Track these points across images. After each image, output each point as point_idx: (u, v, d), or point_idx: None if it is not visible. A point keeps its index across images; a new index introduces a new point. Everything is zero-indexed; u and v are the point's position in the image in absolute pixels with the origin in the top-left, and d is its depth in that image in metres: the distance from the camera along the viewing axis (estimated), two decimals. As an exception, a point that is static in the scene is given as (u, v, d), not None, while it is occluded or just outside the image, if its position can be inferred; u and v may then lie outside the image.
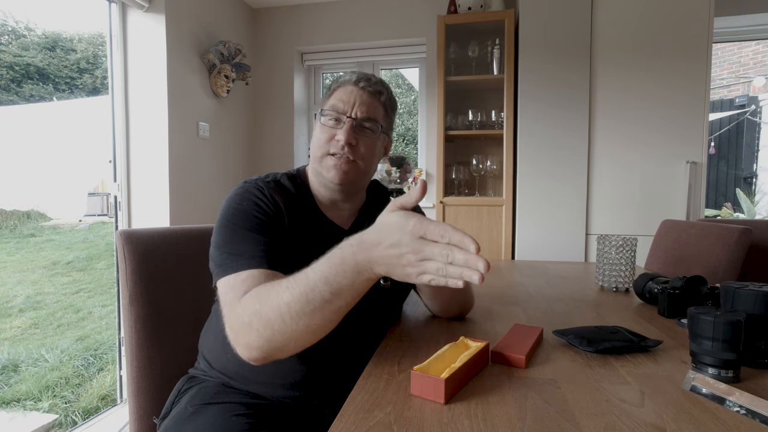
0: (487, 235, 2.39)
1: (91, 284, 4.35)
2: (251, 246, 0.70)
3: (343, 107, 0.80)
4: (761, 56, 6.04)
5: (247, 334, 0.62)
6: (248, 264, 0.68)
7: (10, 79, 6.28)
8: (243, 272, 0.67)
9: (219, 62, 2.47)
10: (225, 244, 0.71)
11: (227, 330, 0.66)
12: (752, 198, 5.28)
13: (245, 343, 0.63)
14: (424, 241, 0.53)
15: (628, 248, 1.14)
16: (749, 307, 0.63)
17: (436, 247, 0.52)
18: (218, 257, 0.71)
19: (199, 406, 0.73)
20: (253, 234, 0.71)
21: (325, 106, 0.83)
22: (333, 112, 0.80)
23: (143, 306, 0.90)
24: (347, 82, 0.82)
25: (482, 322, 0.88)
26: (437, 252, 0.52)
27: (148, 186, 2.19)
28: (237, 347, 0.64)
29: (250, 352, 0.63)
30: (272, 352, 0.63)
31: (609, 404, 0.53)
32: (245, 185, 0.78)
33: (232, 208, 0.74)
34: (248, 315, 0.61)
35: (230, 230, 0.72)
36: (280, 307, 0.59)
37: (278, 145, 3.03)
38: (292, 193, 0.81)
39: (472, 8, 2.44)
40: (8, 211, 5.54)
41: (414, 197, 0.57)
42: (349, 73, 0.84)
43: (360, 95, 0.81)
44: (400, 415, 0.50)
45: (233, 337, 0.64)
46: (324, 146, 0.79)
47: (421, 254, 0.53)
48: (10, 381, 2.52)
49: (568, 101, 2.24)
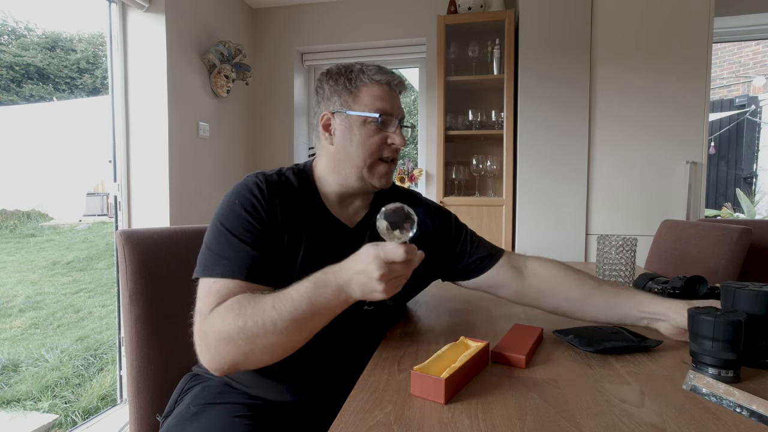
0: (487, 235, 2.36)
1: (91, 284, 4.35)
2: (234, 254, 0.69)
3: (392, 109, 0.78)
4: (761, 56, 6.03)
5: (224, 348, 0.63)
6: (225, 272, 0.67)
7: (10, 79, 6.29)
8: (219, 280, 0.67)
9: (219, 62, 2.46)
10: (210, 244, 0.71)
11: (195, 335, 0.66)
12: (752, 198, 5.28)
13: (217, 356, 0.63)
14: (386, 264, 0.58)
15: (628, 248, 1.14)
16: (749, 307, 0.63)
17: (395, 265, 0.59)
18: (201, 256, 0.71)
19: (202, 406, 0.73)
20: (237, 240, 0.69)
21: (359, 104, 0.78)
22: (381, 116, 0.76)
23: (143, 306, 0.90)
24: (384, 82, 0.79)
25: (482, 322, 0.88)
26: (397, 268, 0.59)
27: (148, 186, 2.19)
28: (204, 356, 0.65)
29: (220, 364, 0.64)
30: (243, 366, 0.65)
31: (609, 404, 0.53)
32: (246, 180, 0.76)
33: (227, 208, 0.73)
34: (229, 330, 0.62)
35: (218, 231, 0.71)
36: (265, 324, 0.61)
37: (278, 145, 3.03)
38: (297, 190, 0.79)
39: (472, 8, 2.44)
40: (9, 211, 5.54)
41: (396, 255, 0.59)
42: (373, 68, 0.79)
43: (397, 97, 0.80)
44: (400, 415, 0.50)
45: (203, 348, 0.65)
46: (377, 151, 0.77)
47: (385, 276, 0.58)
48: (10, 381, 2.52)
49: (568, 101, 2.24)
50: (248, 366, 0.66)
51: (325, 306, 0.62)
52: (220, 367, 0.64)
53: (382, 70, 0.80)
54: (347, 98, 0.78)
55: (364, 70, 0.79)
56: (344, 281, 0.62)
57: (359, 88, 0.78)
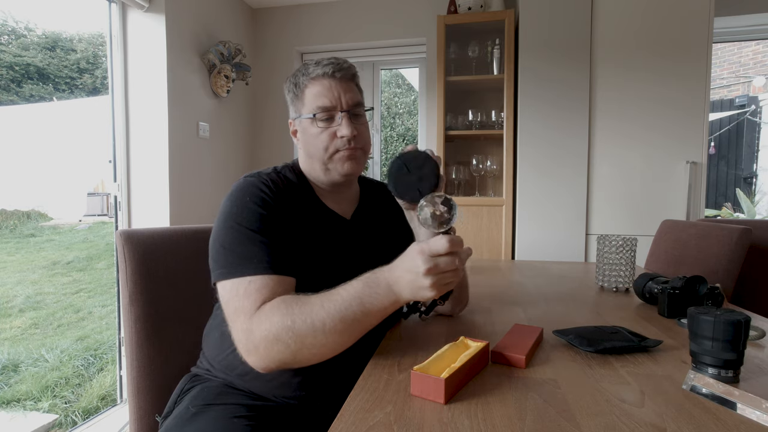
0: (487, 235, 2.39)
1: (91, 284, 4.35)
2: (258, 249, 0.69)
3: (331, 103, 0.78)
4: (761, 56, 6.03)
5: (272, 347, 0.63)
6: (258, 269, 0.67)
7: (10, 79, 6.28)
8: (256, 278, 0.67)
9: (219, 62, 2.46)
10: (231, 245, 0.70)
11: (239, 335, 0.66)
12: (752, 198, 5.28)
13: (265, 355, 0.64)
14: (432, 258, 0.59)
15: (628, 248, 1.14)
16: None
17: (442, 259, 0.59)
18: (223, 258, 0.70)
19: (201, 407, 0.73)
20: (259, 236, 0.70)
21: (304, 107, 0.79)
22: (323, 112, 0.77)
23: (143, 306, 0.90)
24: (321, 75, 0.78)
25: (482, 322, 0.88)
26: (443, 262, 0.60)
27: (148, 186, 2.19)
28: (250, 355, 0.65)
29: (268, 363, 0.64)
30: (291, 365, 0.66)
31: (609, 404, 0.53)
32: (248, 180, 0.76)
33: (237, 206, 0.72)
34: (277, 329, 0.62)
35: (236, 231, 0.71)
36: (314, 323, 0.62)
37: (278, 145, 3.03)
38: (296, 185, 0.81)
39: (472, 8, 2.44)
40: (9, 211, 5.54)
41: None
42: (313, 65, 0.80)
43: (340, 85, 0.79)
44: (400, 415, 0.50)
45: (250, 347, 0.65)
46: (329, 147, 0.78)
47: (433, 270, 0.59)
48: (10, 381, 2.52)
49: (568, 101, 2.24)
50: (296, 365, 0.66)
51: (375, 306, 0.62)
52: (267, 365, 0.65)
53: (320, 62, 0.79)
54: (297, 104, 0.82)
55: (305, 70, 0.80)
56: (393, 280, 0.62)
57: (303, 92, 0.80)
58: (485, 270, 1.53)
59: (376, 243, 0.87)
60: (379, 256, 0.72)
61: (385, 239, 0.89)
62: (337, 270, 0.75)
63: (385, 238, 0.89)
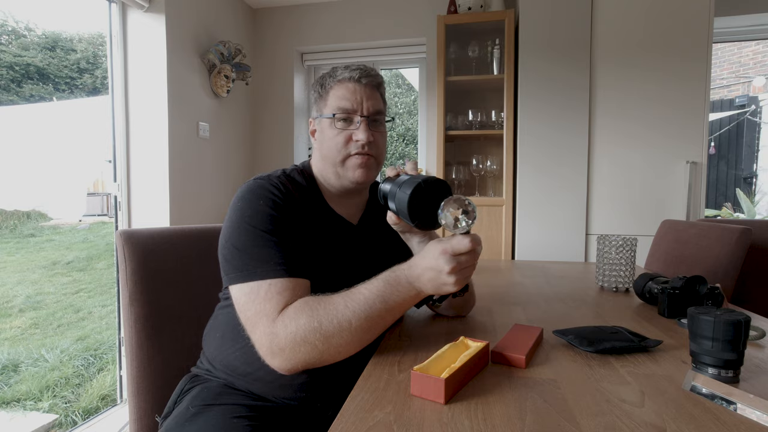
0: (487, 235, 2.39)
1: (91, 284, 4.35)
2: (274, 252, 0.69)
3: (353, 106, 0.79)
4: (761, 56, 6.03)
5: (299, 348, 0.64)
6: (276, 272, 0.68)
7: (10, 79, 6.28)
8: (275, 281, 0.67)
9: (219, 62, 2.46)
10: (245, 246, 0.70)
11: (261, 339, 0.66)
12: (752, 198, 5.28)
13: (291, 357, 0.65)
14: (454, 257, 0.62)
15: (628, 248, 1.14)
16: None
17: (464, 257, 0.63)
18: (238, 260, 0.70)
19: (201, 407, 0.73)
20: (273, 238, 0.70)
21: (326, 107, 0.81)
22: (343, 113, 0.79)
23: (143, 306, 0.90)
24: (347, 79, 0.81)
25: (482, 322, 0.88)
26: (464, 260, 0.63)
27: (148, 186, 2.19)
28: (276, 358, 0.65)
29: (294, 364, 0.65)
30: (315, 365, 0.67)
31: (609, 404, 0.53)
32: (258, 182, 0.76)
33: (251, 209, 0.72)
34: (304, 331, 0.64)
35: (250, 232, 0.71)
36: (341, 323, 0.64)
37: (278, 145, 3.03)
38: (305, 188, 0.81)
39: (472, 8, 2.44)
40: (9, 211, 5.54)
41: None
42: (341, 68, 0.82)
43: (364, 90, 0.80)
44: (400, 415, 0.50)
45: (275, 350, 0.65)
46: (343, 149, 0.79)
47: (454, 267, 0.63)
48: (10, 381, 2.52)
49: (568, 101, 2.24)
50: (321, 364, 0.67)
51: (398, 303, 0.66)
52: (293, 367, 0.66)
53: (349, 67, 0.82)
54: (320, 104, 0.83)
55: (333, 72, 0.82)
56: (415, 277, 0.65)
57: (327, 92, 0.82)
58: (485, 270, 1.53)
59: (381, 248, 0.88)
60: (383, 261, 0.73)
61: (389, 245, 0.90)
62: (342, 273, 0.75)
63: (388, 244, 0.90)
